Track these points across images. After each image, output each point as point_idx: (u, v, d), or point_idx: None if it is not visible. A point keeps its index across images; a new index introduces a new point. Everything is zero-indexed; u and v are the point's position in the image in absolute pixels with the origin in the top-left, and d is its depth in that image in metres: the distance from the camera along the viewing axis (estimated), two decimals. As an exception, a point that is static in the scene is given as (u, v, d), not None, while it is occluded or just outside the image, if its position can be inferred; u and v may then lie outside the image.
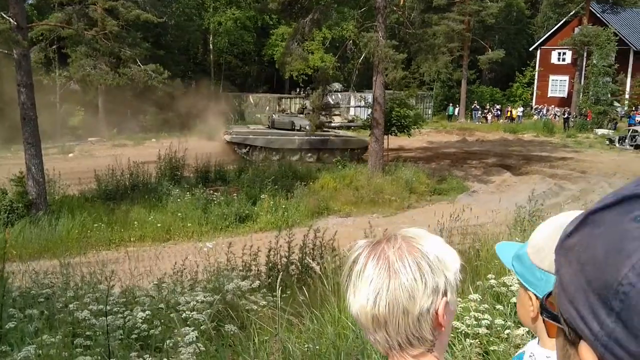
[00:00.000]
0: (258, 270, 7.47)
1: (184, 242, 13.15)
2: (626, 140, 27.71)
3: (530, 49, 45.75)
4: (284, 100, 33.34)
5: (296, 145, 23.29)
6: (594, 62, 34.53)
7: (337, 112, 35.77)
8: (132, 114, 29.28)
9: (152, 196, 15.34)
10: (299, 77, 31.48)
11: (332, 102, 35.52)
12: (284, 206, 15.21)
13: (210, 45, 35.20)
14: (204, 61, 36.27)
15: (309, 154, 23.33)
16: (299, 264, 7.72)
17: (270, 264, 7.68)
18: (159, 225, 13.66)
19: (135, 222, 13.75)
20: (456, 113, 41.46)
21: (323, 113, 29.63)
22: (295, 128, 23.68)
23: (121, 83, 16.81)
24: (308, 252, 7.78)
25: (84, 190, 16.22)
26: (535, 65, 44.82)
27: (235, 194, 15.73)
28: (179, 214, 14.25)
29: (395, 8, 22.16)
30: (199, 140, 28.55)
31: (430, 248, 1.01)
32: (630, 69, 38.95)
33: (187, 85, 33.32)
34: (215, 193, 15.74)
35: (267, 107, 32.93)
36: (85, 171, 17.19)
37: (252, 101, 33.42)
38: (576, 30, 36.90)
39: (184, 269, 6.94)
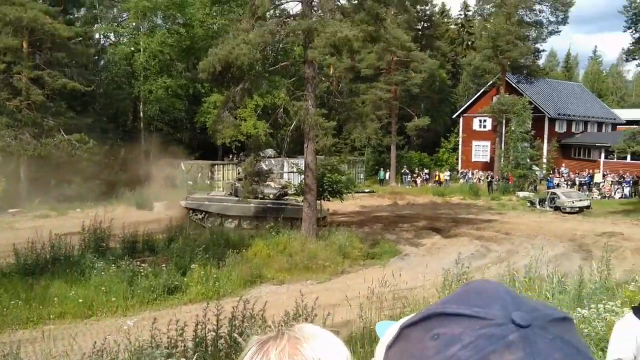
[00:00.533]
0: (185, 346, 7.13)
1: (108, 318, 12.46)
2: (546, 203, 29.14)
3: (454, 117, 48.18)
4: (216, 167, 33.19)
5: (252, 213, 23.20)
6: (512, 128, 36.64)
7: (270, 179, 35.96)
8: (57, 183, 28.17)
9: (74, 270, 14.54)
10: (231, 143, 31.52)
11: (265, 169, 35.74)
12: (215, 276, 14.80)
13: (141, 113, 34.90)
14: (134, 129, 35.82)
15: (264, 222, 22.92)
16: (227, 338, 7.45)
17: (197, 339, 7.36)
18: (80, 300, 12.90)
19: (56, 298, 12.93)
20: (387, 177, 42.54)
21: (256, 179, 29.64)
22: (259, 196, 23.36)
23: (43, 153, 16.25)
24: (237, 324, 7.55)
25: (0, 265, 15.23)
26: (459, 132, 47.06)
27: (164, 265, 15.18)
28: (103, 288, 13.54)
29: (324, 78, 22.90)
30: (127, 209, 27.77)
31: (314, 353, 0.93)
32: (546, 135, 41.56)
33: (115, 153, 32.67)
34: (143, 264, 15.12)
35: (199, 174, 32.62)
36: (4, 244, 16.21)
37: (183, 168, 33.04)
38: (494, 99, 39.25)
39: (104, 348, 6.54)
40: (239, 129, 29.37)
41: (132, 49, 34.71)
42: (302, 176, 22.29)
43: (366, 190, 36.89)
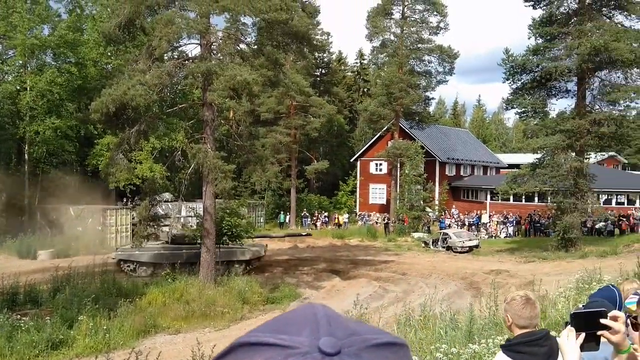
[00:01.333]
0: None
1: (-19, 379, 11.28)
2: (439, 243, 30.42)
3: (352, 160, 49.60)
4: (109, 211, 31.64)
5: (184, 259, 22.55)
6: (406, 171, 38.27)
7: (166, 223, 34.80)
8: None
9: (-57, 327, 13.12)
10: (126, 187, 30.28)
11: (161, 212, 34.57)
12: (105, 327, 13.88)
13: (26, 155, 32.77)
14: (18, 171, 33.48)
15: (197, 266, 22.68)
16: (117, 394, 6.97)
17: (83, 398, 6.83)
18: (-51, 360, 11.62)
19: None
20: (287, 220, 42.65)
21: (151, 224, 28.56)
22: (198, 242, 22.60)
23: None
24: (128, 379, 7.10)
25: None
26: (356, 175, 48.41)
27: (48, 317, 14.05)
28: (-24, 345, 12.29)
29: (223, 121, 22.81)
30: (8, 258, 25.71)
31: None
32: (437, 178, 43.76)
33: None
34: (24, 318, 13.92)
35: (90, 220, 30.91)
36: None
37: (72, 213, 31.18)
38: (389, 143, 40.91)
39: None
40: (133, 172, 28.34)
41: (18, 87, 32.78)
42: (200, 220, 21.80)
43: (303, 234, 36.78)
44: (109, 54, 35.11)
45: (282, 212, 43.37)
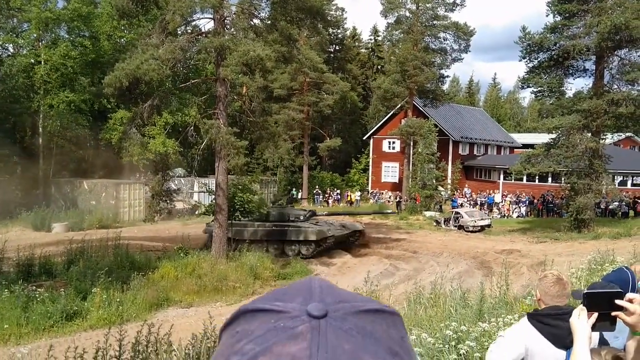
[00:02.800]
0: (83, 375, 6.68)
1: (-2, 347, 11.51)
2: (450, 222, 30.36)
3: (364, 138, 49.39)
4: (122, 186, 31.89)
5: (277, 236, 22.67)
6: (419, 150, 38.05)
7: (179, 198, 35.03)
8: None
9: (-39, 296, 13.37)
10: (139, 161, 30.44)
11: (174, 188, 34.79)
12: (118, 299, 14.08)
13: (40, 128, 32.97)
14: (32, 145, 33.74)
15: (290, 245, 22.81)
16: (130, 365, 7.06)
17: (97, 367, 6.92)
18: (-33, 329, 11.86)
19: (-60, 326, 11.81)
20: (299, 197, 42.72)
21: (164, 199, 28.76)
22: (290, 219, 22.87)
23: None
24: (141, 349, 7.19)
25: None
26: (369, 153, 48.24)
27: (62, 289, 14.26)
28: (-7, 315, 12.52)
29: (236, 97, 22.73)
30: (23, 231, 26.06)
31: None
32: (450, 157, 43.51)
33: (11, 170, 30.64)
34: (39, 289, 14.13)
35: (103, 194, 31.17)
36: None
37: (86, 187, 31.47)
38: (403, 121, 40.64)
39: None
40: (146, 147, 28.47)
41: (32, 60, 32.87)
42: (212, 196, 21.86)
43: (389, 212, 35.68)
44: (122, 27, 35.01)
45: (294, 189, 43.46)
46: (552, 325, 2.93)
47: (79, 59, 32.68)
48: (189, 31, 20.07)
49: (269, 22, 20.43)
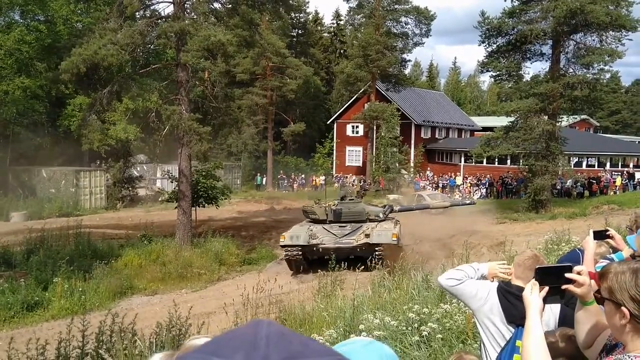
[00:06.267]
0: (46, 366, 6.64)
1: (-45, 341, 11.26)
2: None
3: (328, 122, 49.50)
4: (82, 173, 31.26)
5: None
6: (382, 134, 38.37)
7: (142, 185, 34.59)
8: None
9: None
10: (100, 148, 29.82)
11: (136, 175, 34.32)
12: (80, 289, 13.90)
13: (-5, 115, 31.96)
14: (-13, 133, 32.74)
15: None
16: (94, 354, 7.04)
17: (60, 358, 6.88)
18: None
19: None
20: (264, 182, 42.68)
21: (126, 186, 28.30)
22: (369, 218, 17.67)
23: None
24: (105, 339, 7.17)
25: None
26: (333, 137, 48.41)
27: (22, 279, 14.00)
28: (-50, 308, 12.24)
29: (198, 82, 22.48)
30: (-21, 221, 25.38)
31: None
32: (413, 140, 44.01)
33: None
34: (-2, 280, 13.87)
35: (63, 182, 30.52)
36: None
37: (45, 175, 30.74)
38: (366, 106, 40.87)
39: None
40: (107, 134, 27.93)
41: (-15, 45, 31.70)
42: (175, 183, 21.68)
43: (467, 202, 25.04)
44: (78, 11, 34.05)
45: (258, 174, 43.37)
46: (512, 303, 3.07)
47: (34, 43, 31.67)
48: (148, 15, 19.70)
49: (230, 6, 20.20)
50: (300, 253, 16.17)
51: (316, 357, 0.54)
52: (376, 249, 15.42)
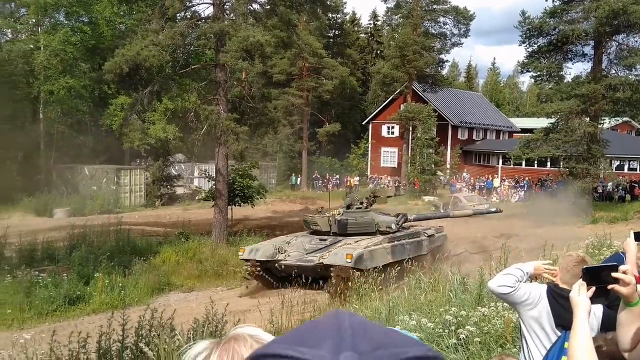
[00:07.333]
0: (87, 358, 6.83)
1: (2, 332, 11.67)
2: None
3: (363, 123, 49.37)
4: (123, 171, 31.97)
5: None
6: (418, 135, 38.08)
7: (179, 183, 35.17)
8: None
9: (-36, 281, 13.54)
10: (140, 147, 30.45)
11: (174, 173, 34.91)
12: (120, 284, 14.26)
13: (41, 114, 32.95)
14: (33, 131, 33.75)
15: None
16: (134, 348, 7.21)
17: (101, 351, 7.07)
18: (-30, 314, 12.02)
19: (-57, 312, 11.97)
20: (299, 182, 42.84)
21: (164, 184, 28.82)
22: (380, 229, 15.73)
23: None
24: (144, 334, 7.33)
25: None
26: (368, 138, 48.25)
27: (65, 274, 14.43)
28: (-4, 300, 12.69)
29: (236, 82, 22.77)
30: (25, 216, 26.18)
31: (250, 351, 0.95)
32: (449, 142, 43.54)
33: (12, 156, 30.68)
34: (42, 274, 14.30)
35: (105, 179, 31.28)
36: None
37: (87, 173, 31.56)
38: (402, 106, 40.61)
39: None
40: (147, 133, 28.48)
41: (32, 46, 32.73)
42: (212, 182, 21.99)
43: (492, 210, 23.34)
44: (121, 13, 34.83)
45: (293, 175, 43.55)
46: (563, 306, 2.98)
47: (79, 44, 32.56)
48: (189, 17, 20.05)
49: (269, 7, 20.40)
50: (259, 269, 14.36)
51: (406, 347, 0.54)
52: (331, 269, 13.05)
